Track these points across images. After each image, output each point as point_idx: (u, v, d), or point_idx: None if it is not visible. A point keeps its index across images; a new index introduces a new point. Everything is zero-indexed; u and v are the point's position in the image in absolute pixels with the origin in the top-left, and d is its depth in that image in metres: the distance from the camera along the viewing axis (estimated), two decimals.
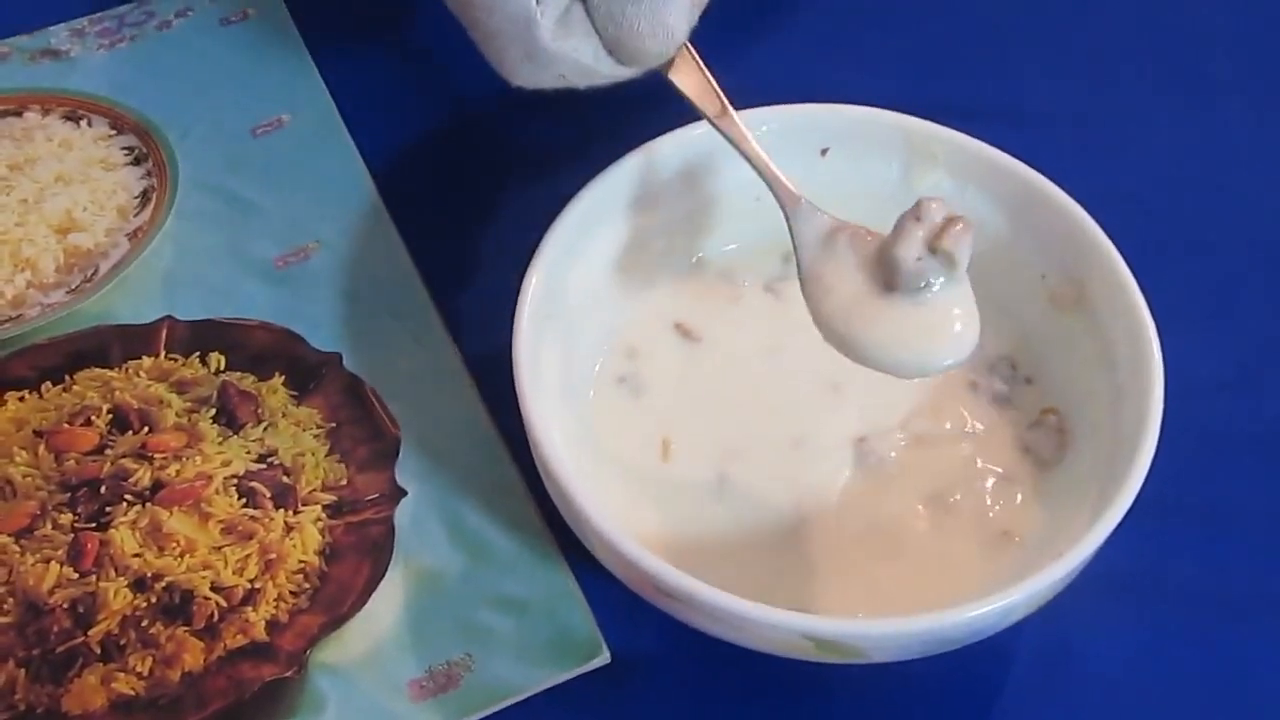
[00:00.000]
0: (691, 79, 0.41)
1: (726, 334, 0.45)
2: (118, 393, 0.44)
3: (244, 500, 0.42)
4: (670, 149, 0.44)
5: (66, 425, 0.43)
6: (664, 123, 0.44)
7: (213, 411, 0.44)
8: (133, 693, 0.39)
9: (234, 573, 0.40)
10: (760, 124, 0.43)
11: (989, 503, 0.41)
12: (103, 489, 0.42)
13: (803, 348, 0.44)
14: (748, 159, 0.41)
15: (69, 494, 0.42)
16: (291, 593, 0.40)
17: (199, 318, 0.47)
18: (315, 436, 0.44)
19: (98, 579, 0.40)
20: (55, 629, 0.39)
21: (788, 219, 0.40)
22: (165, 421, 0.43)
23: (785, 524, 0.41)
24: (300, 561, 0.41)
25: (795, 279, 0.45)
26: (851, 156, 0.45)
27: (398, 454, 0.43)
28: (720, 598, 0.34)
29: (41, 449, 0.43)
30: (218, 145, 0.52)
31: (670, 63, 0.41)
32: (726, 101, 0.41)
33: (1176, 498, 0.42)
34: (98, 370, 0.45)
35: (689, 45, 0.41)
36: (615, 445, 0.42)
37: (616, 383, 0.44)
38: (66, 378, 0.45)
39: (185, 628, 0.39)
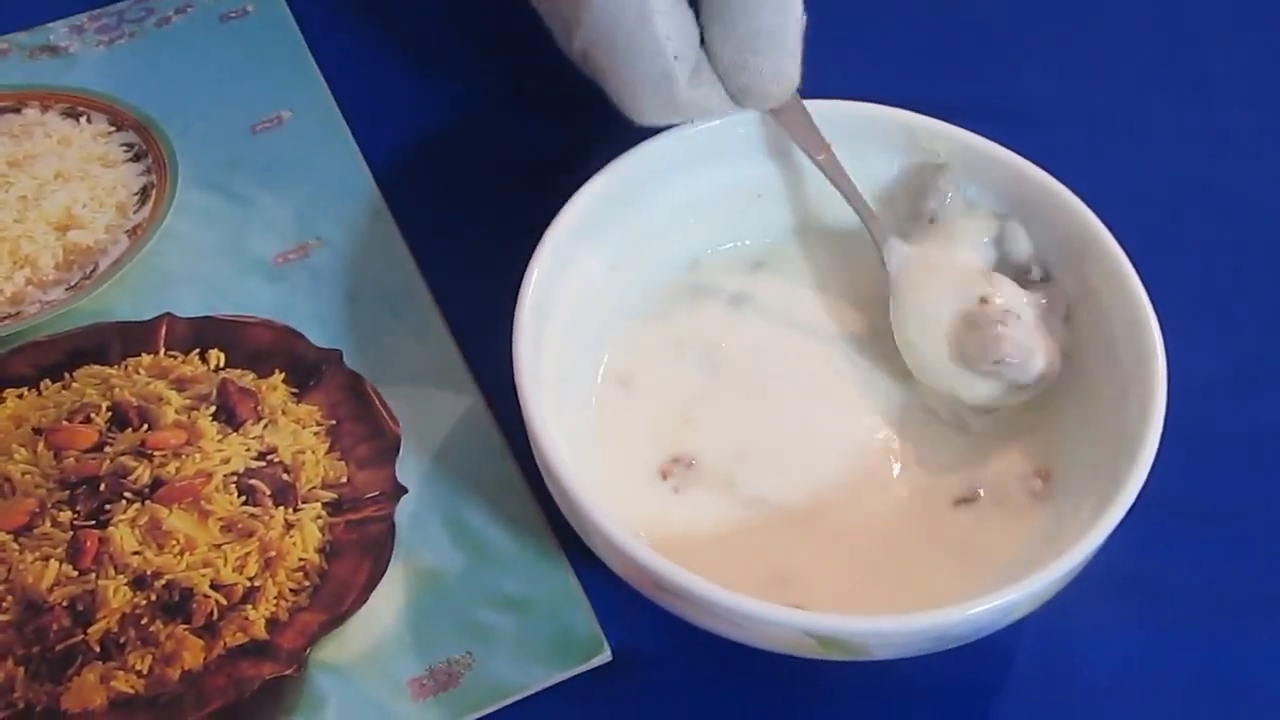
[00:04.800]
0: (795, 117, 0.43)
1: (727, 332, 0.45)
2: (117, 390, 0.44)
3: (244, 498, 0.42)
4: (668, 148, 0.44)
5: (65, 422, 0.43)
6: None
7: (212, 409, 0.44)
8: (132, 691, 0.38)
9: (234, 570, 0.40)
10: (764, 120, 0.43)
11: (990, 501, 0.41)
12: (102, 486, 0.42)
13: (806, 348, 0.44)
14: (845, 196, 0.43)
15: (68, 491, 0.42)
16: (291, 590, 0.40)
17: (198, 315, 0.47)
18: (315, 434, 0.44)
19: (97, 577, 0.40)
20: (54, 627, 0.39)
21: (881, 252, 0.43)
22: (165, 419, 0.43)
23: (787, 521, 0.41)
24: (300, 559, 0.41)
25: (792, 278, 0.46)
26: (854, 153, 0.44)
27: (398, 451, 0.43)
28: (722, 594, 0.34)
29: (41, 446, 0.43)
30: (217, 142, 0.51)
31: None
32: (826, 139, 0.43)
33: (1178, 496, 0.42)
34: (97, 367, 0.45)
35: None
36: (615, 443, 0.42)
37: (617, 381, 0.44)
38: (66, 375, 0.45)
39: (185, 626, 0.39)
